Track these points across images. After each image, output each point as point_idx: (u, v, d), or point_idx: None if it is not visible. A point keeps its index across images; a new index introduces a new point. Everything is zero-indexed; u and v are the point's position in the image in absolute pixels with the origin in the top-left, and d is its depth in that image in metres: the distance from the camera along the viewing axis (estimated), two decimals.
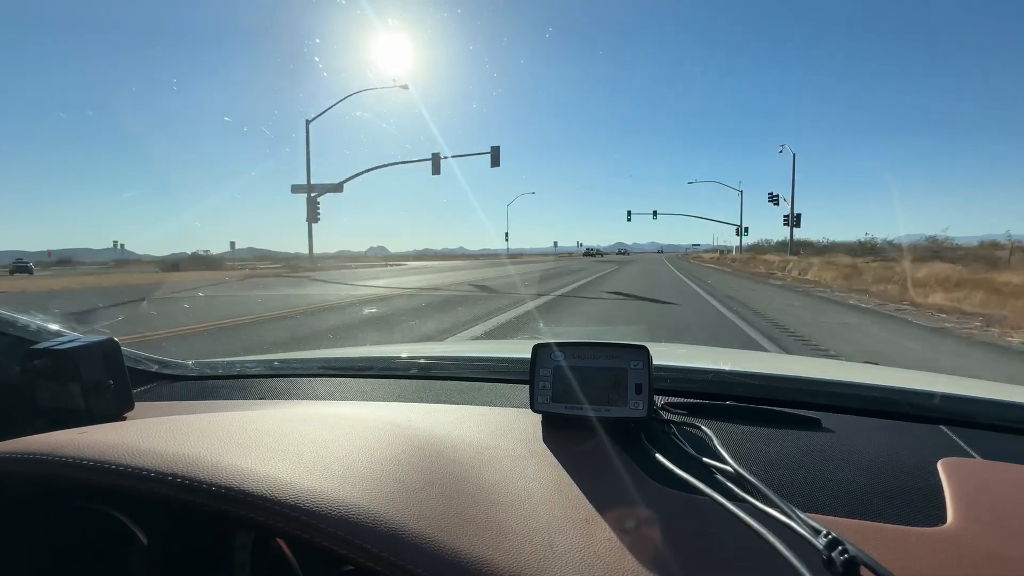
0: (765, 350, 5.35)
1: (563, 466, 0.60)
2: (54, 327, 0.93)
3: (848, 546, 0.41)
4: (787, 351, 5.40)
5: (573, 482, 0.57)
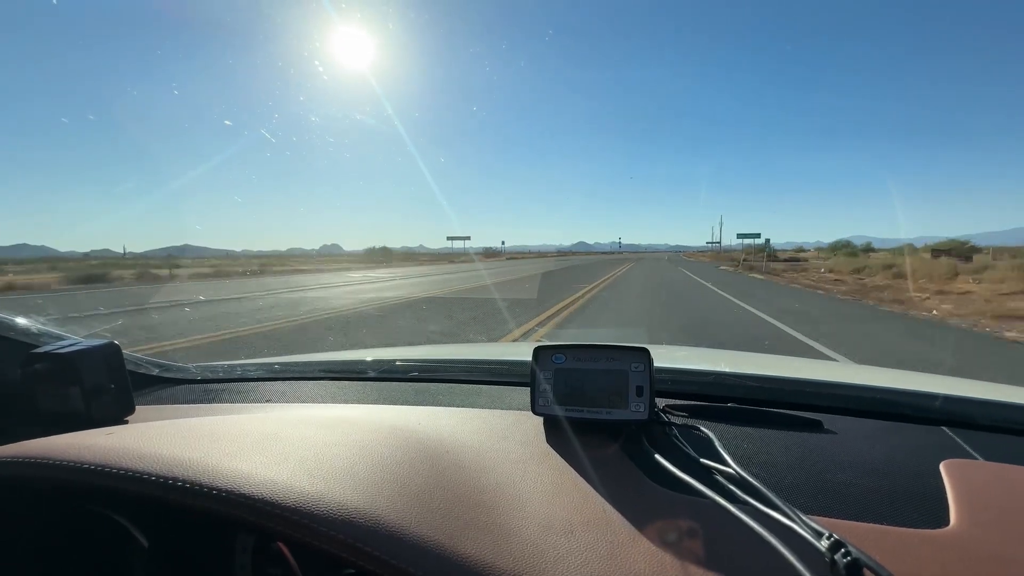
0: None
1: (564, 469, 0.60)
2: (55, 331, 0.93)
3: (851, 548, 0.41)
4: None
5: (574, 485, 0.56)
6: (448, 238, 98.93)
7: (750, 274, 23.73)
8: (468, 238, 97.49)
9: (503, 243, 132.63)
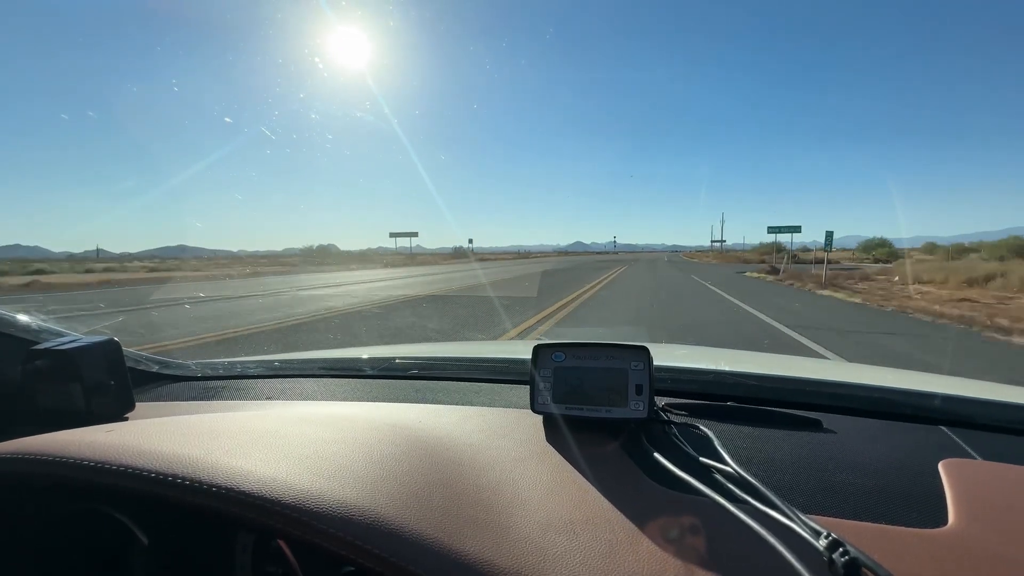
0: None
1: (564, 467, 0.60)
2: (56, 327, 0.93)
3: (849, 548, 0.41)
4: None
5: (574, 483, 0.57)
6: (391, 235, 76.24)
7: (818, 290, 13.62)
8: (415, 234, 76.26)
9: (470, 241, 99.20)
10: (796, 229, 29.53)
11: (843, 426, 0.73)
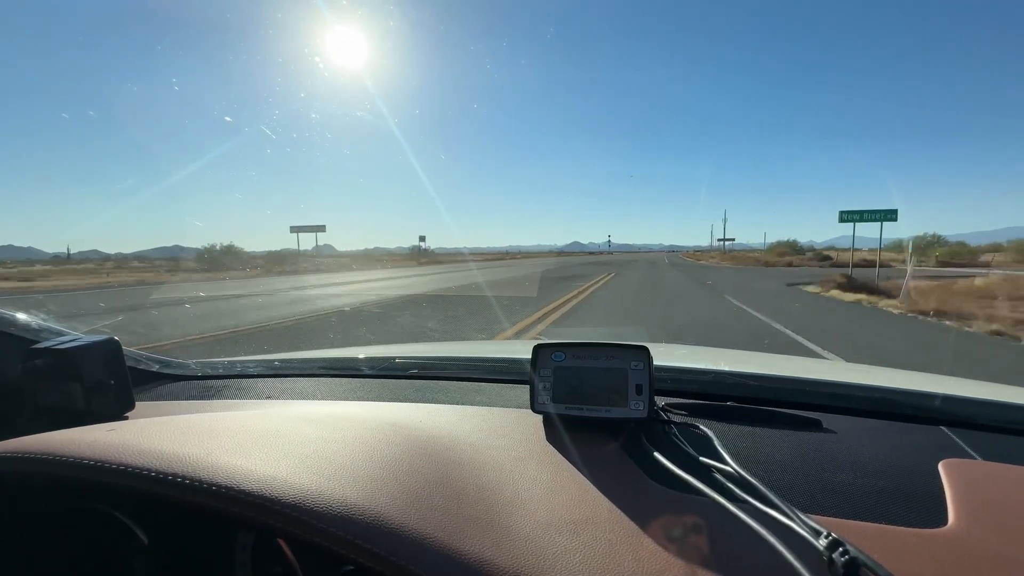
0: None
1: (563, 467, 0.60)
2: (55, 326, 0.93)
3: (849, 547, 0.41)
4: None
5: (574, 482, 0.57)
6: (292, 229, 56.21)
7: None
8: (322, 229, 58.68)
9: (422, 239, 70.89)
10: (890, 216, 16.45)
11: (843, 426, 0.73)
